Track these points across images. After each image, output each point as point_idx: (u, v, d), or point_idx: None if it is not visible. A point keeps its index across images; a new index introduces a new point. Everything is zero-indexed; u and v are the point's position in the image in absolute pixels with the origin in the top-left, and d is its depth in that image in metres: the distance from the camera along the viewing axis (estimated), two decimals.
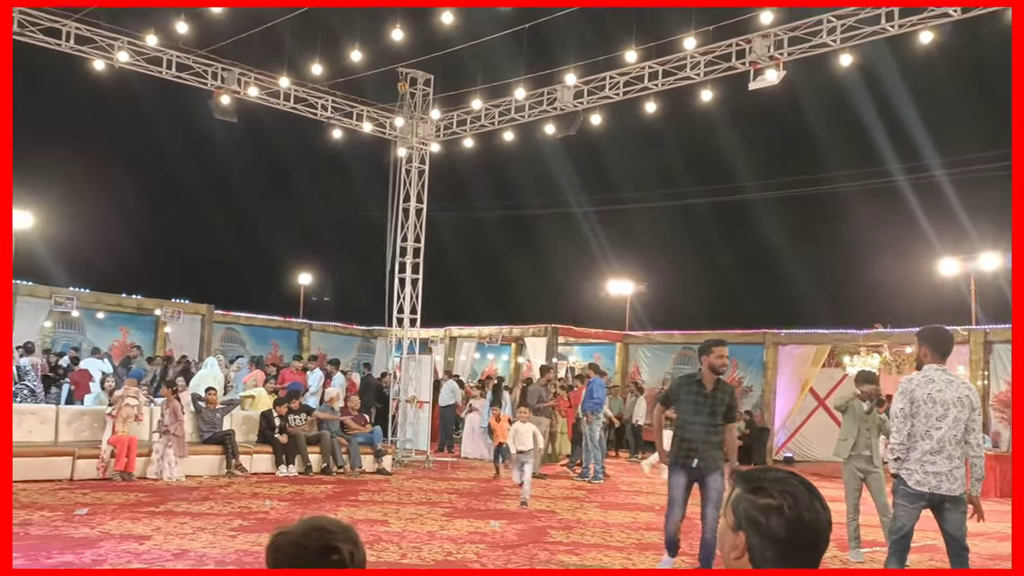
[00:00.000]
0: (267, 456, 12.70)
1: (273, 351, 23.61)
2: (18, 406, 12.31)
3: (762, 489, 1.78)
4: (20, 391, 13.36)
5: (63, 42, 13.06)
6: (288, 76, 14.81)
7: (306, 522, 1.94)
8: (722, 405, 6.95)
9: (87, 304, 21.80)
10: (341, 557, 1.87)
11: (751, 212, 36.01)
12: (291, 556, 1.88)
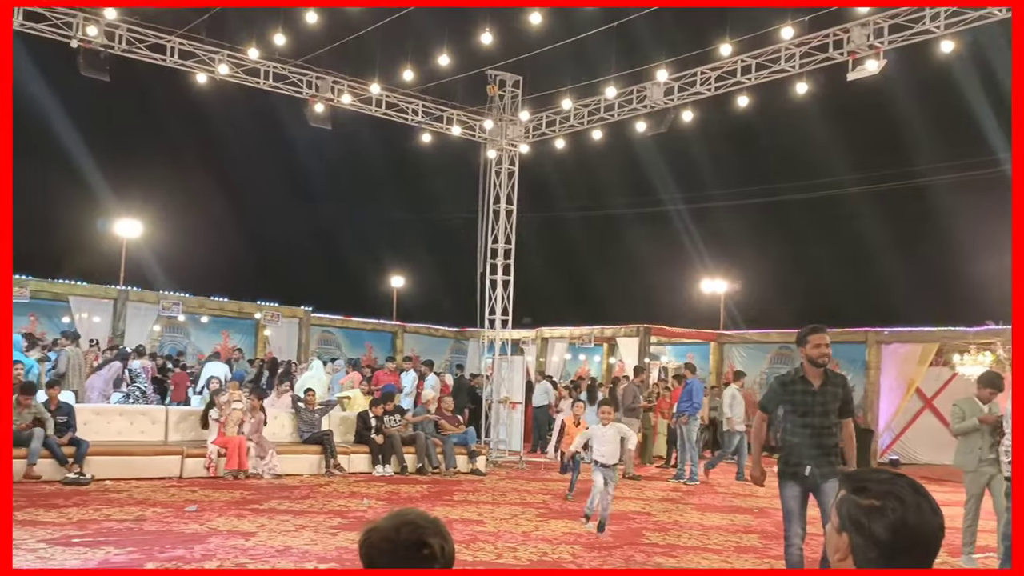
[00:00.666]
0: (364, 456, 12.93)
1: (367, 353, 24.07)
2: (130, 407, 12.86)
3: (866, 490, 1.76)
4: (133, 392, 13.95)
5: (168, 58, 13.58)
6: (379, 83, 15.07)
7: (395, 517, 1.94)
8: (835, 400, 5.96)
9: (191, 309, 22.64)
10: (432, 551, 1.88)
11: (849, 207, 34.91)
12: (383, 552, 1.88)
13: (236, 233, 40.04)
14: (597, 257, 39.15)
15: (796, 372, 6.09)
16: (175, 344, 22.65)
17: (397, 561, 1.87)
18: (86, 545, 7.20)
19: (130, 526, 8.13)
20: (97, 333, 19.91)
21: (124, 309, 21.66)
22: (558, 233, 38.39)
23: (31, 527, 7.81)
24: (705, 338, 21.93)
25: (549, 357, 22.17)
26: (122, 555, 6.93)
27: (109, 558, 6.82)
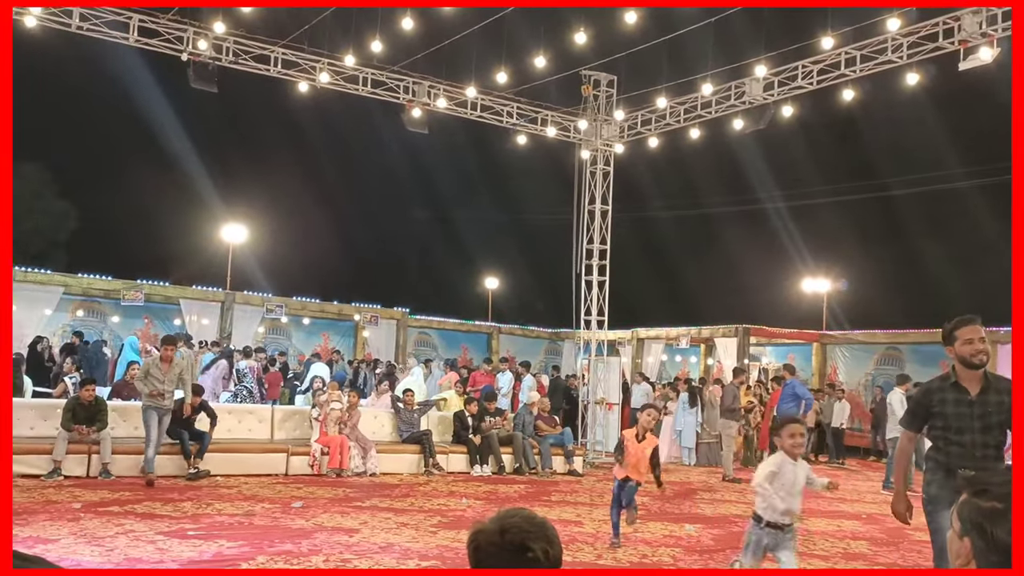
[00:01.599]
0: (462, 456, 13.07)
1: (463, 354, 24.32)
2: (238, 406, 13.32)
3: (987, 492, 1.71)
4: (240, 391, 14.45)
5: (271, 68, 14.02)
6: (475, 86, 15.23)
7: (501, 519, 1.95)
8: (1000, 412, 4.70)
9: (294, 311, 23.30)
10: (535, 555, 1.88)
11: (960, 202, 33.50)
12: (490, 554, 1.90)
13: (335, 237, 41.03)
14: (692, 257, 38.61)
15: (948, 378, 4.92)
16: (278, 345, 23.35)
17: (502, 563, 1.88)
18: (200, 538, 7.49)
19: (240, 520, 8.42)
20: (206, 335, 20.68)
21: (231, 312, 22.46)
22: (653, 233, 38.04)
23: (149, 520, 8.17)
24: (807, 339, 21.37)
25: (645, 358, 21.97)
26: (234, 548, 7.18)
27: (222, 550, 7.07)
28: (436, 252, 42.98)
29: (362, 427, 12.44)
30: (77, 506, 8.65)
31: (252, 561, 6.78)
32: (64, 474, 10.24)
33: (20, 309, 19.82)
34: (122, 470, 10.57)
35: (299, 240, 37.85)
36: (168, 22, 13.08)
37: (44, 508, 8.46)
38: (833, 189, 36.08)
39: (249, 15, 12.96)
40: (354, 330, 24.21)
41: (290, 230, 37.09)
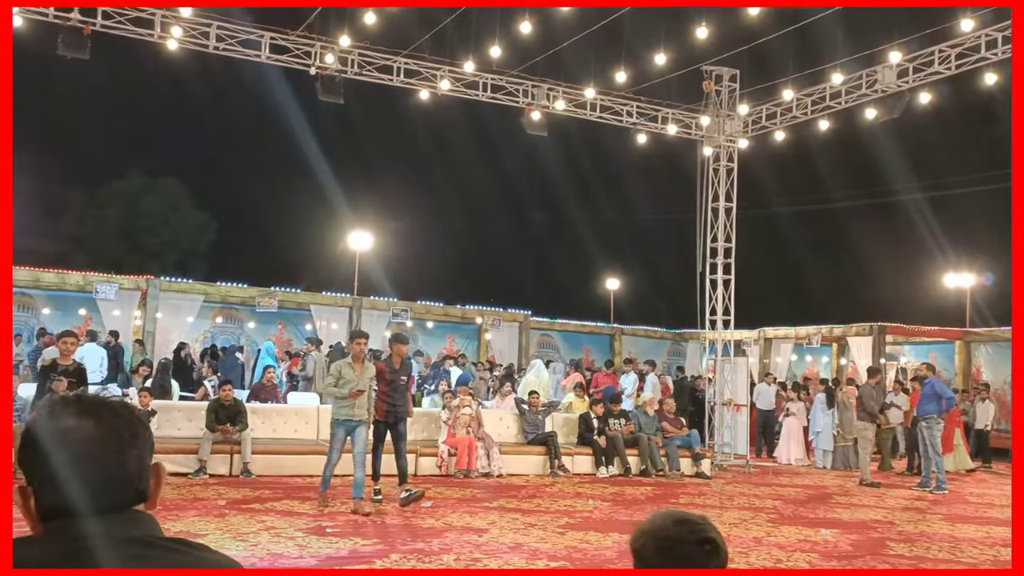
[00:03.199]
0: (587, 457, 13.04)
1: (585, 356, 24.26)
2: None
3: None
4: None
5: (394, 77, 14.37)
6: (594, 86, 15.18)
7: (665, 516, 1.92)
8: None
9: (419, 315, 23.79)
10: (715, 546, 1.85)
11: None
12: (664, 551, 1.86)
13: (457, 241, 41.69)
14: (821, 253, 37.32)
15: None
16: None
17: (680, 559, 1.85)
18: (337, 535, 7.73)
19: (374, 519, 8.65)
20: (336, 339, 21.35)
21: (359, 316, 23.13)
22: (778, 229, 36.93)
23: (288, 517, 8.49)
24: (949, 336, 20.33)
25: (773, 358, 21.38)
26: (368, 546, 7.37)
27: (358, 548, 7.28)
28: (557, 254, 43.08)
29: (487, 429, 12.57)
30: (222, 503, 9.08)
31: (386, 559, 6.94)
32: (208, 472, 10.75)
33: (165, 316, 20.97)
34: (261, 469, 11.02)
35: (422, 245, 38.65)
36: (297, 38, 13.59)
37: (192, 504, 8.91)
38: (975, 178, 34.17)
39: (373, 27, 13.32)
40: (477, 333, 24.51)
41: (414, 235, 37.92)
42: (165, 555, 1.48)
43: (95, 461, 1.45)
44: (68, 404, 1.49)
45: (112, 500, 1.46)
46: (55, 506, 1.44)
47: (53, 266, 23.95)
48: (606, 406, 13.64)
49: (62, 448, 1.45)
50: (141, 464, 1.53)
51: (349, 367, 9.16)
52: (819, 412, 16.13)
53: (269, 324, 22.55)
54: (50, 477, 1.45)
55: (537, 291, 34.37)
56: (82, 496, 1.44)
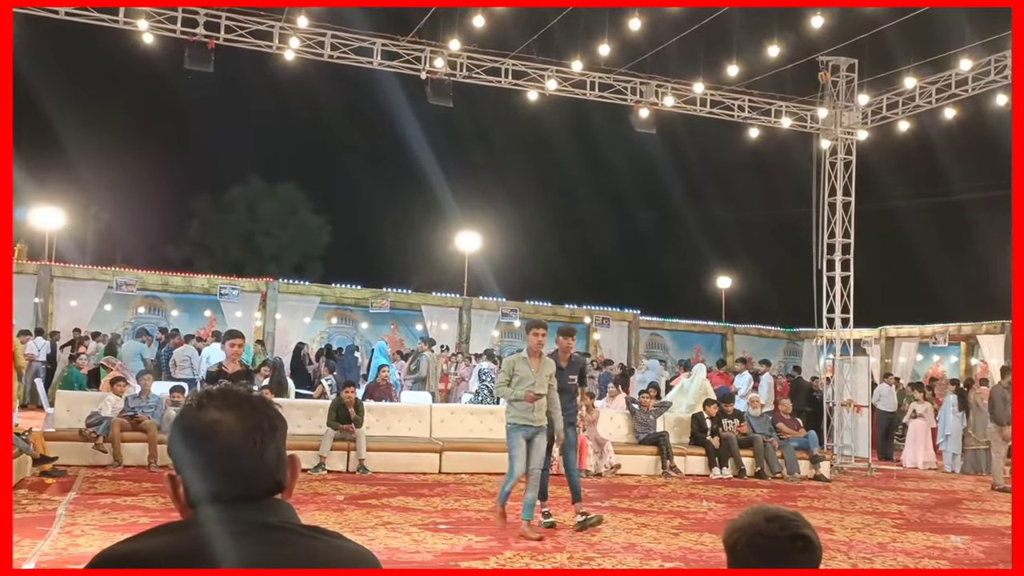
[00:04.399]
0: (700, 458, 12.83)
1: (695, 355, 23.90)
2: (479, 407, 13.84)
3: None
4: (481, 391, 15.01)
5: (503, 79, 14.49)
6: (703, 81, 14.93)
7: (757, 513, 1.89)
8: None
9: (527, 315, 23.90)
10: (808, 542, 1.81)
11: None
12: (756, 548, 1.83)
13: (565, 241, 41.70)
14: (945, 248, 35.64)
15: None
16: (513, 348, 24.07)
17: (773, 557, 1.83)
18: (450, 531, 7.85)
19: (487, 516, 8.72)
20: (446, 339, 21.69)
21: (468, 316, 23.44)
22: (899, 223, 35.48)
23: (404, 513, 8.67)
24: None
25: (895, 358, 20.57)
26: (482, 543, 7.46)
27: (471, 544, 7.37)
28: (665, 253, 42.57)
29: (598, 428, 12.53)
30: (340, 498, 9.34)
31: (500, 556, 7.01)
32: (327, 468, 11.08)
33: (283, 317, 21.77)
34: (376, 466, 11.27)
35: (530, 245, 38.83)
36: (407, 44, 13.86)
37: (312, 499, 9.21)
38: None
39: (481, 31, 13.46)
40: (586, 332, 24.48)
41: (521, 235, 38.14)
42: (303, 540, 1.55)
43: (237, 452, 1.54)
44: (213, 398, 1.58)
45: (252, 489, 1.54)
46: (201, 493, 1.54)
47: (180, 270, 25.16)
48: (719, 406, 13.40)
49: (207, 440, 1.54)
50: (279, 456, 1.61)
51: (524, 363, 7.81)
52: (949, 414, 15.42)
53: (382, 324, 23.10)
54: (196, 466, 1.55)
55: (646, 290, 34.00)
56: (225, 484, 1.53)
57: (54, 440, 10.19)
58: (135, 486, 9.33)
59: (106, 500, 8.47)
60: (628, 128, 15.64)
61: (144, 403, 11.05)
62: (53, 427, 10.83)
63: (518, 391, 7.68)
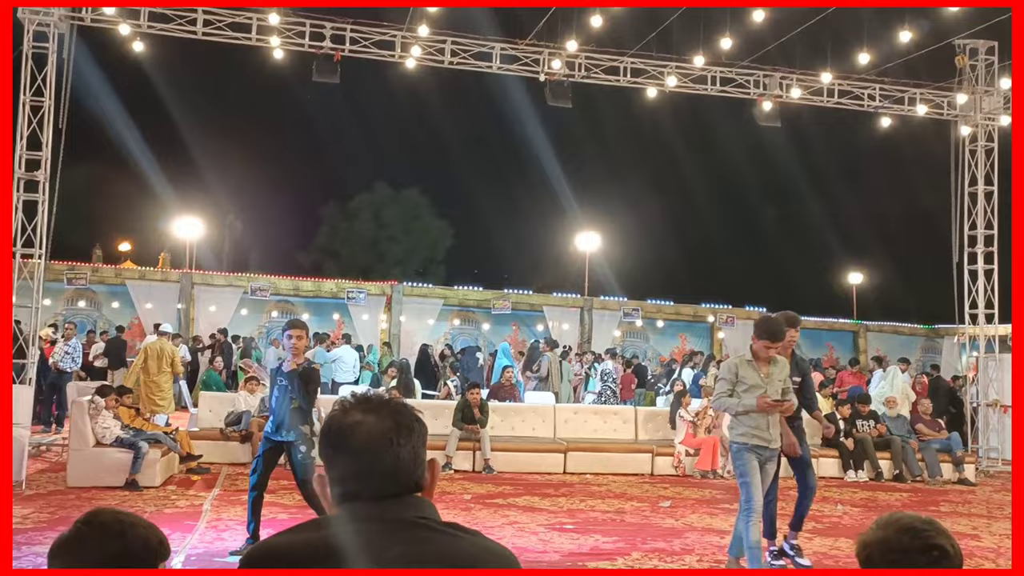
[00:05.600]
0: (833, 460, 12.39)
1: (828, 353, 23.10)
2: (603, 407, 13.81)
3: None
4: (604, 392, 14.96)
5: (621, 78, 14.39)
6: (831, 71, 14.43)
7: (887, 525, 1.83)
8: None
9: (649, 314, 23.70)
10: (943, 552, 1.74)
11: None
12: (890, 562, 1.77)
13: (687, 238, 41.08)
14: None
15: None
16: (636, 348, 23.88)
17: (908, 568, 1.77)
18: (577, 532, 7.86)
19: (612, 517, 8.70)
20: (567, 339, 21.71)
21: (590, 316, 23.39)
22: None
23: (530, 512, 8.73)
24: None
25: None
26: (609, 543, 7.43)
27: (598, 544, 7.36)
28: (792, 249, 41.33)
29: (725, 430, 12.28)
30: (467, 497, 9.48)
31: (627, 556, 6.97)
32: (454, 468, 11.27)
33: (408, 320, 22.28)
34: (501, 466, 11.37)
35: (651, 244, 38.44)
36: (526, 47, 13.95)
37: (439, 498, 9.36)
38: None
39: (599, 30, 13.42)
40: (710, 331, 24.04)
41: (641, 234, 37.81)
42: (444, 538, 1.60)
43: (375, 451, 1.62)
44: (357, 403, 1.69)
45: (391, 487, 1.62)
46: (346, 492, 1.62)
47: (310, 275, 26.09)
48: (853, 407, 12.91)
49: (348, 440, 1.64)
50: (415, 456, 1.67)
51: (749, 366, 6.42)
52: None
53: (504, 325, 23.31)
54: (339, 466, 1.65)
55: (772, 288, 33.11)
56: (365, 483, 1.62)
57: (198, 439, 10.74)
58: (273, 483, 9.69)
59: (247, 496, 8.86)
60: (750, 122, 15.27)
61: None
62: (197, 427, 11.41)
63: (747, 400, 6.28)
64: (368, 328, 21.57)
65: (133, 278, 21.23)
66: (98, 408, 9.34)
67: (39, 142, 11.74)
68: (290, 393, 6.70)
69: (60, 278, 18.73)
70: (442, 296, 23.28)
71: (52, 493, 8.63)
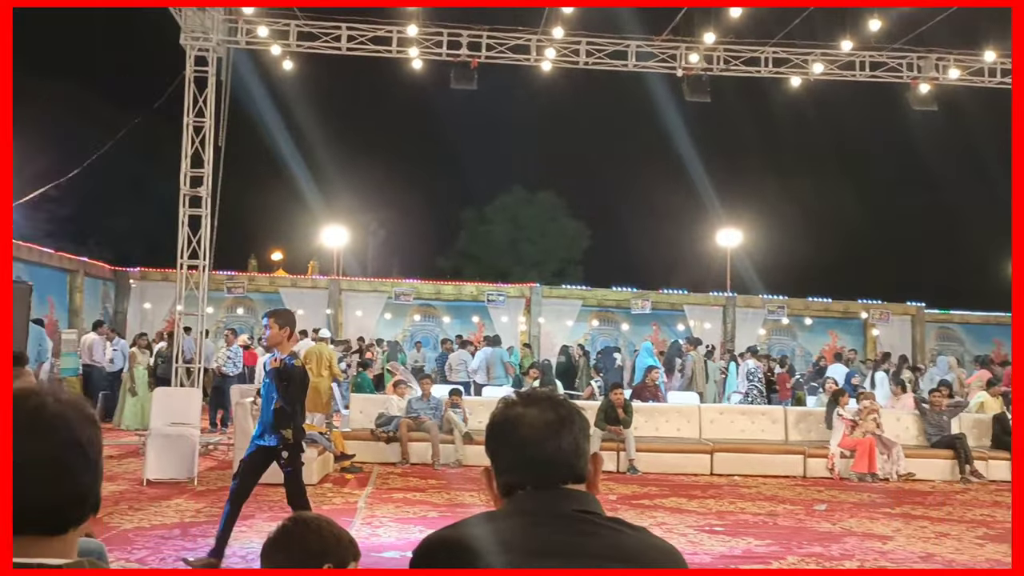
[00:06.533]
0: (1004, 463, 11.62)
1: (996, 349, 21.71)
2: (751, 407, 13.44)
3: None
4: (751, 391, 14.56)
5: (762, 68, 13.99)
6: (993, 49, 13.55)
7: None
8: None
9: (796, 311, 22.92)
10: None
11: None
12: None
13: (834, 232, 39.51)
14: None
15: None
16: (781, 346, 23.15)
17: None
18: (727, 534, 7.68)
19: (764, 520, 8.45)
20: (710, 338, 21.27)
21: (732, 315, 22.84)
22: None
23: (678, 514, 8.60)
24: None
25: None
26: (762, 547, 7.22)
27: (751, 548, 7.17)
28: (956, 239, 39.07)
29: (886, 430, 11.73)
30: (613, 498, 9.43)
31: (782, 560, 6.76)
32: None
33: (547, 321, 22.40)
34: (646, 466, 11.24)
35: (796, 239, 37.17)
36: (662, 43, 13.77)
37: None
38: None
39: (737, 20, 13.09)
40: (862, 328, 23.04)
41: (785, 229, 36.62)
42: (608, 531, 1.60)
43: (536, 442, 1.65)
44: (520, 397, 1.73)
45: (552, 476, 1.65)
46: (510, 483, 1.65)
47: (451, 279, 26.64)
48: None
49: (511, 431, 1.68)
50: (576, 447, 1.69)
51: None
52: None
53: (644, 325, 23.09)
54: (503, 458, 1.68)
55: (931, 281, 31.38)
56: (527, 473, 1.65)
57: (350, 439, 11.13)
58: (422, 482, 9.97)
59: (398, 495, 9.12)
60: (903, 107, 14.54)
61: (425, 405, 11.78)
62: (349, 427, 11.83)
63: None
64: (507, 330, 21.82)
65: (285, 285, 22.26)
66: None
67: (201, 160, 12.48)
68: (271, 393, 5.98)
69: (220, 287, 19.82)
70: (581, 297, 23.29)
71: (220, 489, 9.12)
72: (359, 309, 22.01)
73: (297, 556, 1.92)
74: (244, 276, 22.09)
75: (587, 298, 23.24)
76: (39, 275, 16.27)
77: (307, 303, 21.48)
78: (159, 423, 9.64)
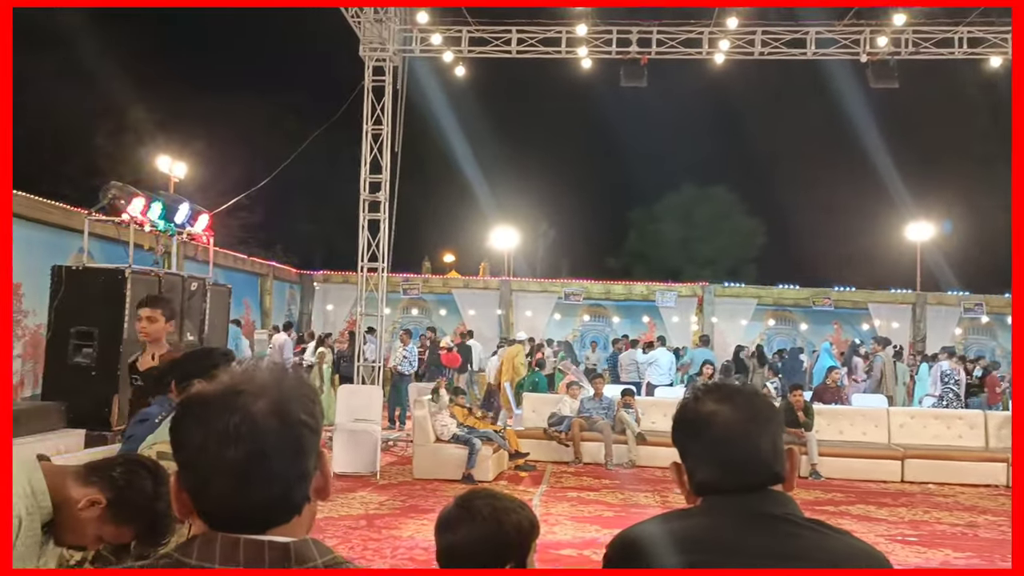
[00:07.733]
0: None
1: None
2: (944, 411, 12.56)
3: None
4: (946, 394, 13.63)
5: (956, 50, 13.08)
6: None
7: None
8: None
9: (996, 309, 21.32)
10: None
11: None
12: None
13: None
14: None
15: None
16: (981, 347, 21.58)
17: None
18: (922, 545, 7.22)
19: (963, 531, 7.91)
20: (897, 338, 20.08)
21: (923, 313, 21.48)
22: None
23: (866, 522, 8.16)
24: None
25: None
26: (961, 559, 6.77)
27: (948, 559, 6.72)
28: None
29: None
30: None
31: None
32: None
33: (720, 320, 21.84)
34: (830, 472, 10.73)
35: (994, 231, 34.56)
36: (844, 27, 13.13)
37: None
38: None
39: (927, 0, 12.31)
40: None
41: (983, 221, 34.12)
42: (812, 535, 1.52)
43: (732, 441, 1.58)
44: (709, 391, 1.64)
45: (750, 478, 1.56)
46: (704, 482, 1.59)
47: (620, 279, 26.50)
48: None
49: (704, 430, 1.60)
50: (774, 446, 1.60)
51: None
52: None
53: (824, 324, 22.11)
54: (695, 456, 1.61)
55: None
56: (723, 473, 1.57)
57: (524, 438, 11.26)
58: (595, 482, 9.95)
59: (572, 494, 9.14)
60: None
61: (597, 405, 11.74)
62: (522, 426, 11.97)
63: None
64: (679, 330, 21.45)
65: (458, 287, 22.81)
66: (441, 406, 10.13)
67: (379, 166, 12.99)
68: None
69: (397, 289, 20.57)
70: (756, 295, 22.56)
71: (401, 484, 9.47)
72: (529, 309, 22.26)
73: (473, 534, 1.89)
74: (419, 278, 22.81)
75: (763, 297, 22.49)
76: (235, 279, 17.39)
77: (479, 304, 21.91)
78: (343, 419, 10.10)
